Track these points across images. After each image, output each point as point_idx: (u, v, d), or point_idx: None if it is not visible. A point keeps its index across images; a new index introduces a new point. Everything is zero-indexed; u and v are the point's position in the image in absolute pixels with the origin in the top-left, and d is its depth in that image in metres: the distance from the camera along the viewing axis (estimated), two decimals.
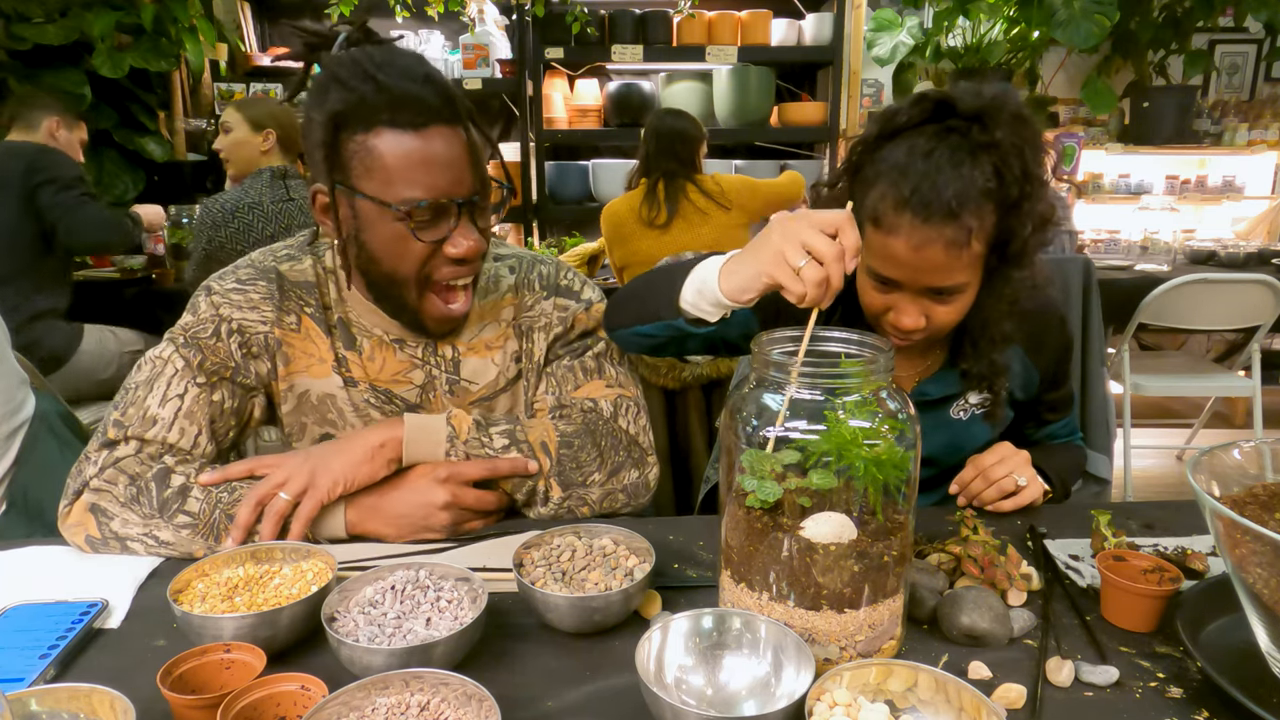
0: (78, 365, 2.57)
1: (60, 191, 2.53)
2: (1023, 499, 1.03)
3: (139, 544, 0.93)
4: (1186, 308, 2.80)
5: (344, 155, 0.93)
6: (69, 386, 2.49)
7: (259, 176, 2.45)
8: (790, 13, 3.76)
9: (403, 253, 0.96)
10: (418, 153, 0.92)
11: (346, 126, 0.92)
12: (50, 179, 2.53)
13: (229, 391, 1.04)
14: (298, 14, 4.01)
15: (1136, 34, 3.85)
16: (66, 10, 3.31)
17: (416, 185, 0.93)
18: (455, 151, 0.94)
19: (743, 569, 0.74)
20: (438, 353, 1.09)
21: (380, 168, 0.92)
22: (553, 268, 1.16)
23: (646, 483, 1.07)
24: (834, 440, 0.69)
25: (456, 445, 0.99)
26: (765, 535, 0.72)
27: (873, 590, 0.71)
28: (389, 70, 0.91)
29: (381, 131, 0.91)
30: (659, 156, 2.62)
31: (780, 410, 0.72)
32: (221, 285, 1.06)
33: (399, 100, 0.91)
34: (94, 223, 2.57)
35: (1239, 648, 0.70)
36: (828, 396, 0.71)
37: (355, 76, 0.91)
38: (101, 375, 2.61)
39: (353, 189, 0.94)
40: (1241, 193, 4.25)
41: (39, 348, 2.44)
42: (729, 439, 0.76)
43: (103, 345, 2.64)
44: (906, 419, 0.73)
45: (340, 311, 1.08)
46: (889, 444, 0.69)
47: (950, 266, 0.95)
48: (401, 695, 0.64)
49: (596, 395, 1.09)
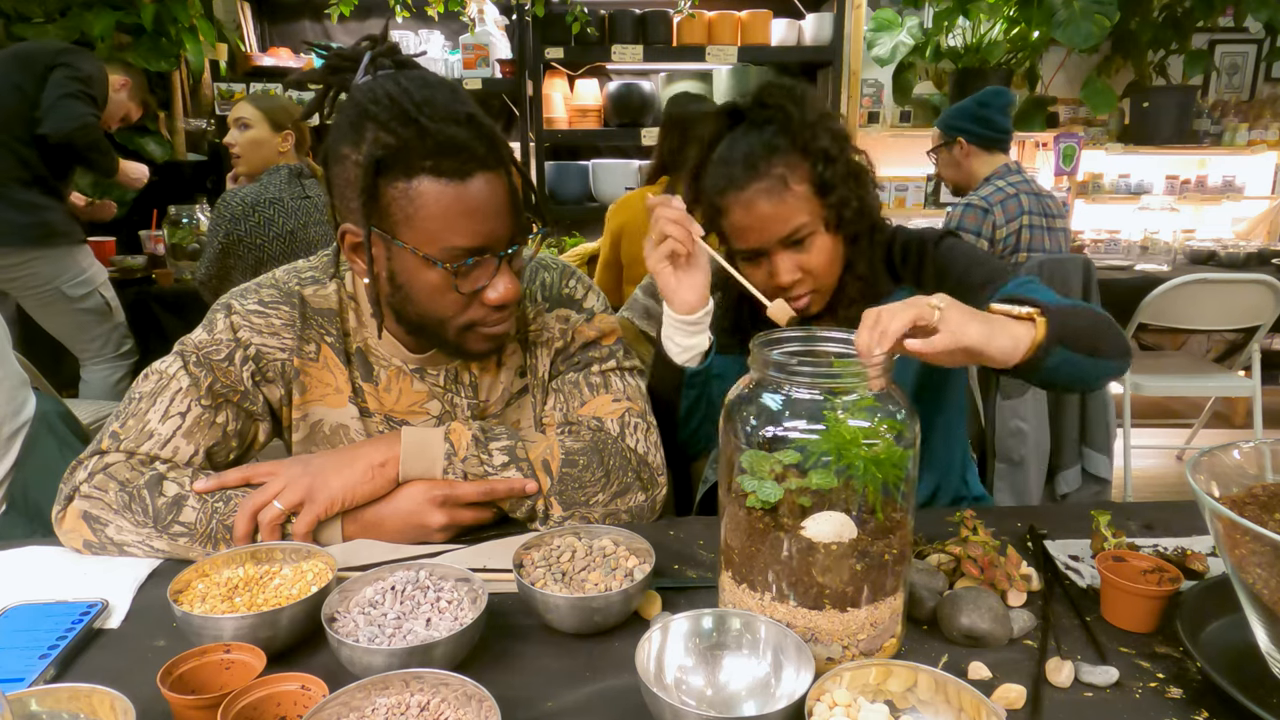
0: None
1: (68, 79, 2.51)
2: (949, 319, 0.78)
3: (136, 549, 0.93)
4: (1186, 308, 2.80)
5: (383, 201, 0.90)
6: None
7: (276, 173, 2.44)
8: (790, 13, 3.76)
9: (441, 300, 0.94)
10: (461, 204, 0.89)
11: (386, 173, 0.88)
12: (69, 68, 2.52)
13: (233, 414, 1.02)
14: (298, 14, 4.01)
15: (1136, 34, 3.86)
16: (66, 10, 3.31)
17: (458, 237, 0.90)
18: (498, 200, 0.92)
19: (744, 570, 0.74)
20: (459, 379, 1.08)
21: (422, 218, 0.89)
22: (556, 274, 1.14)
23: (653, 505, 1.04)
24: (833, 440, 0.69)
25: (454, 463, 0.97)
26: (766, 535, 0.72)
27: (873, 589, 0.71)
28: (431, 112, 0.87)
29: (424, 180, 0.88)
30: (681, 153, 2.58)
31: (776, 410, 0.72)
32: (242, 305, 1.04)
33: (443, 147, 0.87)
34: (69, 114, 2.52)
35: (1239, 648, 0.70)
36: (826, 396, 0.71)
37: (396, 119, 0.87)
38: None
39: (390, 235, 0.91)
40: (1241, 193, 4.25)
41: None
42: (727, 440, 0.76)
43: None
44: (905, 418, 0.73)
45: (359, 339, 1.06)
46: (887, 443, 0.69)
47: (782, 213, 1.10)
48: (401, 695, 0.64)
49: (603, 413, 1.06)
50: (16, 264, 2.53)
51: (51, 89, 2.50)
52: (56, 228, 2.57)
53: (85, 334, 2.72)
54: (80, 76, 2.53)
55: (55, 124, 2.51)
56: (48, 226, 2.55)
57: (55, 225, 2.57)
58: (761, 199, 1.10)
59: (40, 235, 2.53)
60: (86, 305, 2.66)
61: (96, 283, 2.68)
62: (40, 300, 2.62)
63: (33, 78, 2.50)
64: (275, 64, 3.81)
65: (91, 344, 2.74)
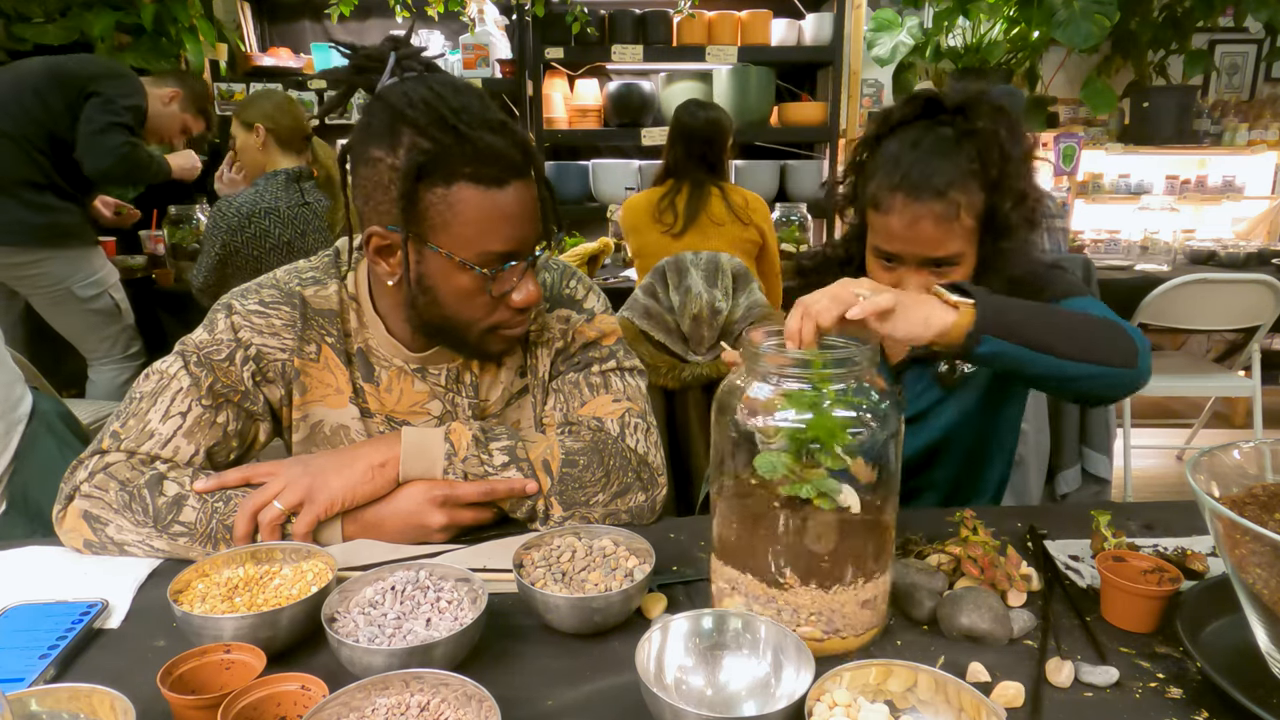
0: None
1: (99, 112, 2.50)
2: (869, 305, 0.83)
3: (136, 549, 0.93)
4: (1186, 308, 2.80)
5: (420, 206, 0.91)
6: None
7: (274, 179, 2.41)
8: (790, 13, 3.76)
9: (470, 303, 0.96)
10: (498, 210, 0.91)
11: (425, 178, 0.89)
12: (101, 97, 2.50)
13: (233, 414, 1.02)
14: (298, 14, 4.01)
15: (1136, 34, 3.85)
16: (66, 10, 3.31)
17: (495, 242, 0.92)
18: (529, 206, 0.94)
19: (761, 563, 0.75)
20: (460, 379, 1.08)
21: (460, 224, 0.91)
22: (557, 274, 1.14)
23: (653, 505, 1.04)
24: (817, 429, 0.72)
25: (454, 463, 0.97)
26: (797, 524, 0.74)
27: (880, 556, 0.77)
28: (469, 119, 0.89)
29: (463, 187, 0.90)
30: (687, 161, 2.61)
31: (767, 399, 0.75)
32: (243, 305, 1.04)
33: (482, 155, 0.89)
34: (104, 149, 2.50)
35: (1239, 648, 0.70)
36: (815, 387, 0.74)
37: (434, 124, 0.88)
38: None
39: (423, 239, 0.93)
40: (1241, 193, 4.24)
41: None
42: (719, 435, 0.78)
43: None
44: (888, 408, 0.75)
45: (360, 340, 1.07)
46: (871, 431, 0.74)
47: (942, 239, 1.06)
48: (401, 695, 0.64)
49: (603, 414, 1.06)
50: (28, 263, 2.53)
51: (84, 125, 2.50)
52: (69, 229, 2.57)
53: (94, 334, 2.72)
54: (112, 106, 2.52)
55: (94, 163, 2.53)
56: (60, 227, 2.55)
57: (68, 226, 2.57)
58: (927, 220, 1.04)
59: (52, 236, 2.53)
60: (96, 306, 2.66)
61: (107, 284, 2.69)
62: (50, 299, 2.62)
63: (63, 99, 2.49)
64: (275, 64, 3.80)
65: (100, 344, 2.74)
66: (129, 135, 2.57)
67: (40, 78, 2.49)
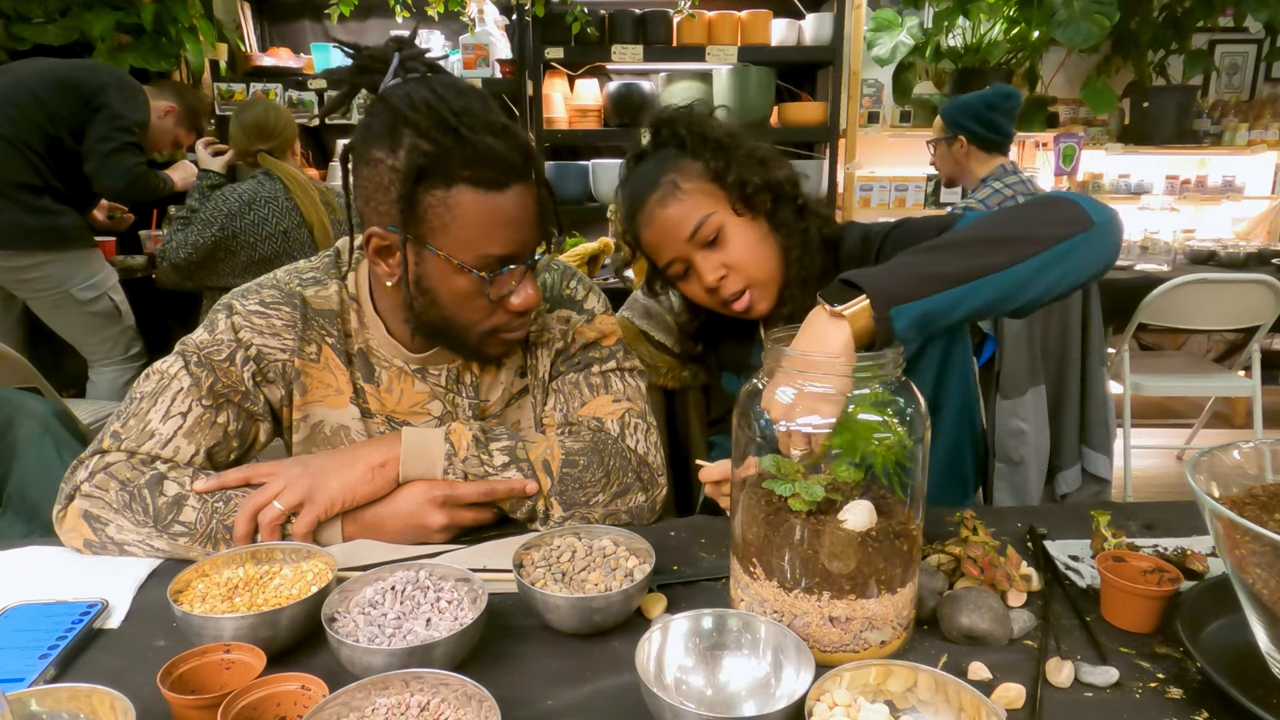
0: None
1: (111, 130, 2.51)
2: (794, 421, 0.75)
3: (136, 549, 0.93)
4: (1186, 308, 2.80)
5: (419, 208, 0.90)
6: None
7: (271, 174, 2.47)
8: (790, 13, 3.76)
9: (469, 306, 0.96)
10: (497, 214, 0.91)
11: (425, 180, 0.89)
12: (110, 110, 2.50)
13: (234, 414, 1.02)
14: (298, 14, 4.01)
15: (1136, 34, 3.86)
16: (66, 10, 3.30)
17: (494, 245, 0.92)
18: (529, 210, 0.94)
19: (785, 573, 0.74)
20: (460, 380, 1.08)
21: (459, 226, 0.91)
22: (557, 275, 1.15)
23: (653, 505, 1.04)
24: (845, 435, 0.71)
25: (454, 463, 0.97)
26: (817, 537, 0.73)
27: (907, 567, 0.74)
28: (470, 121, 0.88)
29: (462, 190, 0.89)
30: None
31: (789, 402, 0.74)
32: (243, 305, 1.04)
33: (482, 158, 0.89)
34: (117, 171, 2.53)
35: (1239, 648, 0.70)
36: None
37: (435, 126, 0.88)
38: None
39: (422, 241, 0.92)
40: (1241, 193, 4.25)
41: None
42: (741, 435, 0.77)
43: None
44: (916, 413, 0.74)
45: (361, 340, 1.06)
46: (899, 436, 0.72)
47: (680, 212, 1.12)
48: (401, 695, 0.64)
49: (603, 414, 1.06)
50: (27, 266, 2.53)
51: (95, 142, 2.50)
52: (67, 232, 2.57)
53: (94, 336, 2.72)
54: (123, 125, 2.53)
55: (107, 183, 2.54)
56: (58, 230, 2.55)
57: (66, 229, 2.57)
58: (657, 209, 1.13)
59: (51, 239, 2.53)
60: (96, 308, 2.67)
61: (106, 286, 2.69)
62: (50, 303, 2.62)
63: (68, 107, 2.49)
64: (275, 64, 3.80)
65: (100, 346, 2.75)
66: (141, 154, 2.59)
67: (41, 82, 2.49)
